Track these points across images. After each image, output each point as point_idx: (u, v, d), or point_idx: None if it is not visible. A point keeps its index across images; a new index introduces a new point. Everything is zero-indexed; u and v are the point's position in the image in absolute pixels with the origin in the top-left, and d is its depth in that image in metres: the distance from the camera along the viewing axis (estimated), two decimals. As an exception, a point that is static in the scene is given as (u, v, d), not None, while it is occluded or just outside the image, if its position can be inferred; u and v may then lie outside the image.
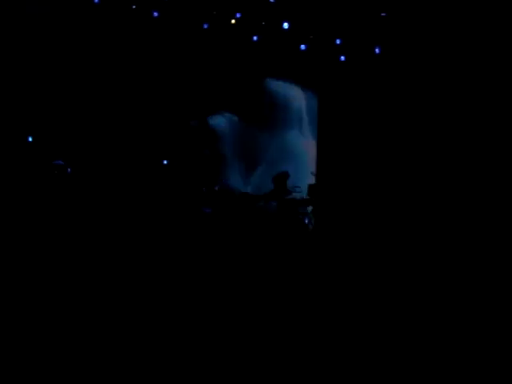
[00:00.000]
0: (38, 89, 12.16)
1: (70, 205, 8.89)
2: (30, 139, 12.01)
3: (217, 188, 11.75)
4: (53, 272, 5.96)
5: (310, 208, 13.17)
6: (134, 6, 12.58)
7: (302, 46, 13.40)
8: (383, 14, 12.25)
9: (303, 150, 14.27)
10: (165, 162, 12.70)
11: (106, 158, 12.22)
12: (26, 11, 11.48)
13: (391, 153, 12.74)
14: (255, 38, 13.43)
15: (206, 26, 13.12)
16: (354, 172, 12.92)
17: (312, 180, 13.31)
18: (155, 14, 12.74)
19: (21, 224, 7.56)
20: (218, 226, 9.39)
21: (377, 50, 12.92)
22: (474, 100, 11.97)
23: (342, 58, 13.33)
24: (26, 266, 6.03)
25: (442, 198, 11.25)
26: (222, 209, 10.85)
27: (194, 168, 12.75)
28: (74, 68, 12.44)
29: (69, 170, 11.45)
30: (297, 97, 14.35)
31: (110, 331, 4.62)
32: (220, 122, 14.41)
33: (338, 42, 13.10)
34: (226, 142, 14.42)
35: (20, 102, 11.95)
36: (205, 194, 11.50)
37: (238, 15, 12.89)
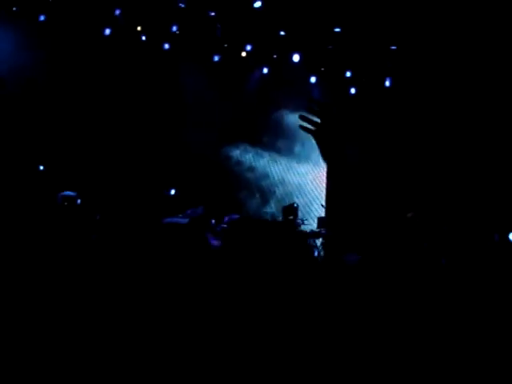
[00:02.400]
0: (50, 120, 12.20)
1: (80, 235, 8.87)
2: (41, 168, 12.02)
3: (226, 219, 11.69)
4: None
5: (319, 241, 13.10)
6: (143, 38, 12.64)
7: (313, 78, 13.44)
8: (393, 48, 12.28)
9: (317, 181, 14.26)
10: (172, 191, 12.66)
11: (116, 188, 12.21)
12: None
13: (402, 185, 12.72)
14: (265, 69, 13.49)
15: (216, 59, 13.19)
16: (364, 205, 12.88)
17: (322, 213, 13.27)
18: (166, 46, 12.82)
19: (27, 251, 7.56)
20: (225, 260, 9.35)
21: (387, 83, 12.95)
22: (485, 132, 11.99)
23: (353, 90, 13.36)
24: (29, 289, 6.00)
25: (450, 227, 11.18)
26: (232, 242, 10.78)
27: (205, 199, 12.70)
28: (86, 99, 12.47)
29: (79, 201, 11.43)
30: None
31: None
32: (236, 153, 14.42)
33: (348, 74, 13.14)
34: (243, 172, 14.41)
35: (32, 132, 12.00)
36: (213, 226, 11.47)
37: (249, 48, 12.95)
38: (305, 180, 14.47)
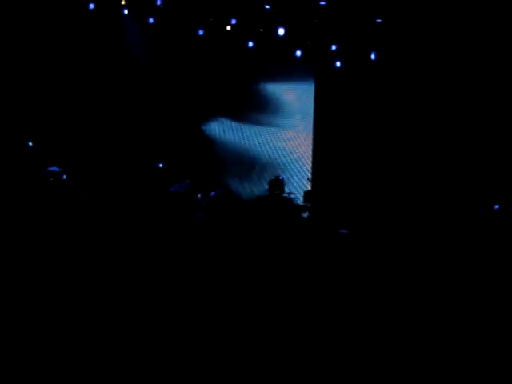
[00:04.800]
0: (38, 95, 12.12)
1: (65, 211, 8.82)
2: (30, 144, 11.96)
3: (212, 194, 11.64)
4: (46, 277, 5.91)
5: (305, 215, 13.13)
6: (126, 12, 12.55)
7: (298, 52, 13.39)
8: (378, 21, 12.26)
9: (299, 151, 14.24)
10: (160, 165, 12.61)
11: (101, 163, 12.15)
12: None
13: (388, 159, 12.76)
14: (251, 43, 13.41)
15: (201, 33, 13.11)
16: (351, 177, 12.92)
17: (308, 186, 13.31)
18: (151, 20, 12.73)
19: (13, 229, 7.51)
20: (213, 233, 9.31)
21: (372, 56, 12.94)
22: (469, 105, 12.03)
23: (338, 63, 13.33)
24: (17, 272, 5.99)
25: (438, 200, 11.22)
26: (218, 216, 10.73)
27: (191, 174, 12.64)
28: (72, 73, 12.37)
29: (64, 176, 11.38)
30: (290, 94, 14.29)
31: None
32: (215, 127, 14.36)
33: (333, 47, 13.11)
34: (222, 147, 14.36)
35: (22, 108, 11.91)
36: (200, 201, 11.42)
37: (234, 21, 12.88)
38: (287, 149, 14.41)
